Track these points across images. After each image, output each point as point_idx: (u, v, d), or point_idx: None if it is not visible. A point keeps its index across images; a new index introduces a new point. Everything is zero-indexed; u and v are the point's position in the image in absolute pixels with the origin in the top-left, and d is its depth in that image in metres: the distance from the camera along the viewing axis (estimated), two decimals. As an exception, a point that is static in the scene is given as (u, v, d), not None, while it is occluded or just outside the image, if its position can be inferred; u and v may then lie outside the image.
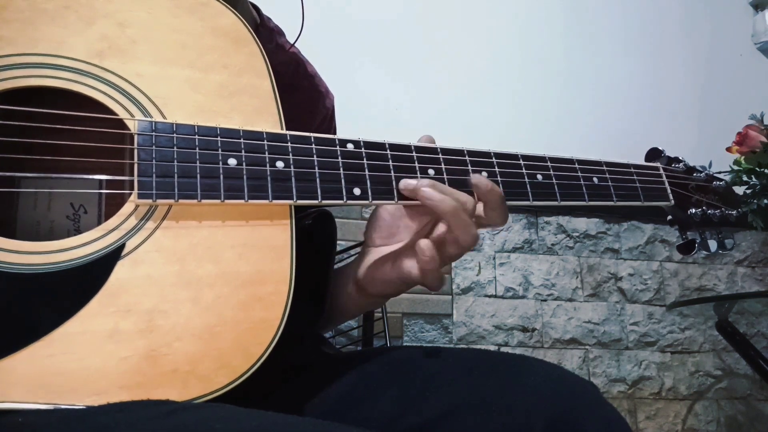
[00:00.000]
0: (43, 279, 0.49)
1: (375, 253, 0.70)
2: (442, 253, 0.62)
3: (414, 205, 0.64)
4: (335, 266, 0.77)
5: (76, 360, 0.47)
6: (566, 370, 0.61)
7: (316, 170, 0.60)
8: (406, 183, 0.62)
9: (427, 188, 0.61)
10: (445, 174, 0.66)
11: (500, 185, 0.67)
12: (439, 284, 0.63)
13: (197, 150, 0.56)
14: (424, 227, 0.67)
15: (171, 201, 0.54)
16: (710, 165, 1.58)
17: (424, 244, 0.61)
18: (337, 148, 0.62)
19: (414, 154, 0.66)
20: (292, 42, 0.90)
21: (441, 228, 0.64)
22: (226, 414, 0.45)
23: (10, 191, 0.57)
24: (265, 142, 0.58)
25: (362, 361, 0.67)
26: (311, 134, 0.61)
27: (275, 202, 0.57)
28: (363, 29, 2.10)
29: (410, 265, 0.64)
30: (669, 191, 0.82)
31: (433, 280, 0.62)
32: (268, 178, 0.57)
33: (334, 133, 0.94)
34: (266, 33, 0.87)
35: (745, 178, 1.74)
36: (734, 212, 0.88)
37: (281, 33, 0.91)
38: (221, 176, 0.55)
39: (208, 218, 0.55)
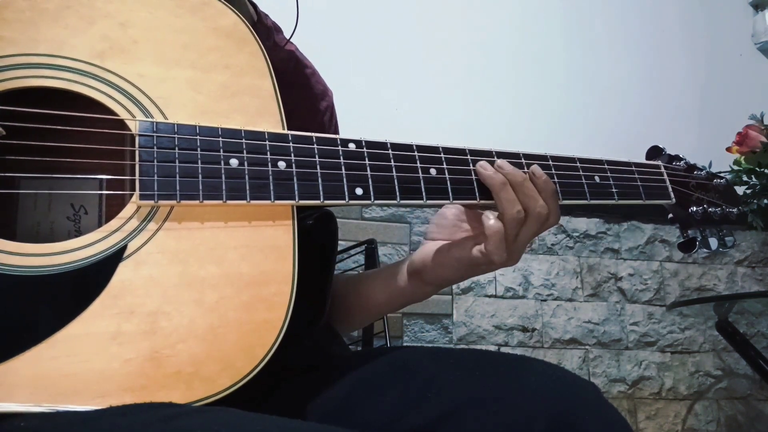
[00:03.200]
0: (46, 281, 0.48)
1: (434, 245, 0.74)
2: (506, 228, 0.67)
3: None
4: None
5: (79, 362, 0.46)
6: (567, 370, 0.61)
7: (318, 170, 0.60)
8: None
9: (483, 163, 0.68)
10: (447, 173, 0.66)
11: None
12: (502, 256, 0.67)
13: (199, 150, 0.56)
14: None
15: (173, 202, 0.53)
16: (710, 165, 1.58)
17: (489, 212, 0.67)
18: (339, 148, 0.62)
19: (416, 153, 0.66)
20: (288, 38, 0.89)
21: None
22: (228, 418, 0.45)
23: (10, 192, 0.57)
24: (267, 142, 0.58)
25: (363, 362, 0.67)
26: (313, 134, 0.61)
27: (277, 202, 0.57)
28: (362, 28, 2.09)
29: (470, 245, 0.69)
30: (670, 189, 0.82)
31: (499, 249, 0.66)
32: (270, 179, 0.57)
33: (337, 129, 0.94)
34: (263, 30, 0.86)
35: (745, 178, 1.75)
36: (735, 210, 0.88)
37: (278, 30, 0.91)
38: (223, 177, 0.55)
39: (210, 219, 0.55)
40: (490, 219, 0.66)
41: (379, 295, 0.80)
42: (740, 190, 1.75)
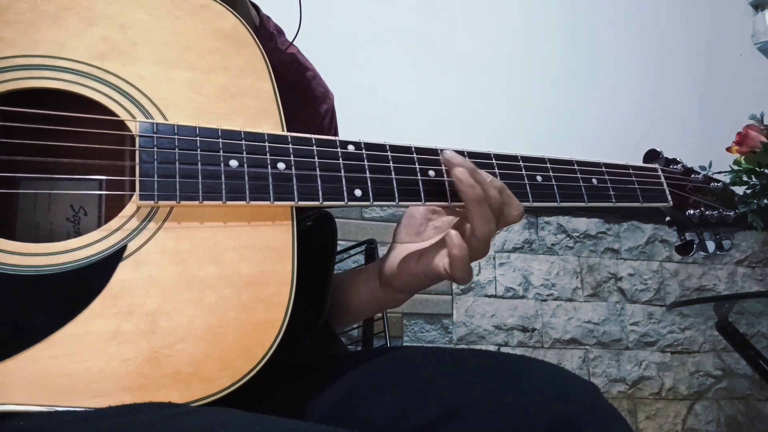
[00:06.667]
0: (45, 281, 0.49)
1: (402, 249, 0.73)
2: (470, 246, 0.64)
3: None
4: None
5: (78, 362, 0.47)
6: (567, 370, 0.61)
7: (317, 172, 0.60)
8: (451, 155, 0.64)
9: (461, 169, 0.62)
10: (445, 175, 0.66)
11: None
12: (468, 277, 0.65)
13: (199, 151, 0.56)
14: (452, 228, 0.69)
15: (173, 202, 0.54)
16: (710, 165, 1.59)
17: (454, 233, 0.63)
18: (338, 149, 0.62)
19: (414, 155, 0.66)
20: (290, 41, 0.90)
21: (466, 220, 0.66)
22: (228, 419, 0.45)
23: (9, 192, 0.57)
24: (267, 144, 0.59)
25: (363, 362, 0.67)
26: (312, 136, 0.61)
27: (276, 203, 0.57)
28: (363, 29, 2.10)
29: (437, 260, 0.66)
30: (667, 192, 0.82)
31: (463, 273, 0.64)
32: (270, 180, 0.57)
33: (336, 133, 0.95)
34: (266, 33, 0.87)
35: (745, 178, 1.75)
36: (732, 213, 0.88)
37: (281, 32, 0.91)
38: (223, 177, 0.56)
39: (209, 219, 0.55)
40: (454, 239, 0.63)
41: (354, 301, 0.79)
42: (740, 190, 1.75)
